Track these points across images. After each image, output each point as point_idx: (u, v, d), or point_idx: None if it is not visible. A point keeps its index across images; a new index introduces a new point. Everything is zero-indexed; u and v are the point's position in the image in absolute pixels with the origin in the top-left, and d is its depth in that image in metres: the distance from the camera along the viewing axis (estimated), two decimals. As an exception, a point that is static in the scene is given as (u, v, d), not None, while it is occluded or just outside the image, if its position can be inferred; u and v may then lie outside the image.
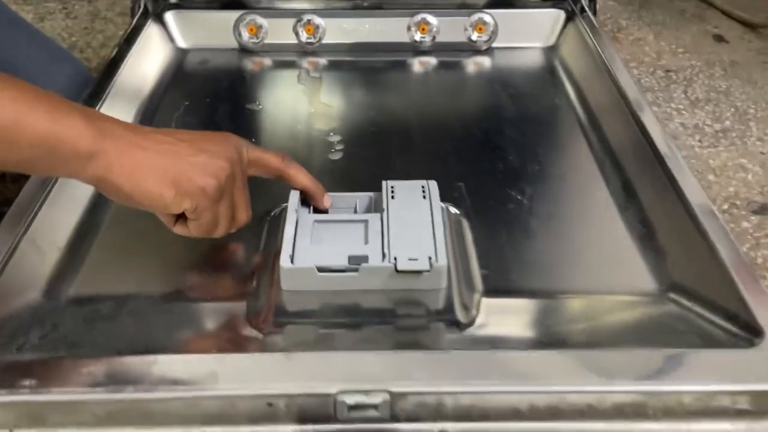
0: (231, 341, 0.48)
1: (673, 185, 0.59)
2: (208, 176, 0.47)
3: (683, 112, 1.12)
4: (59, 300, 0.52)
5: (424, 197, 0.56)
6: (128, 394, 0.42)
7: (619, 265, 0.56)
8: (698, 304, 0.50)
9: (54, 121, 0.42)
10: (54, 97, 0.43)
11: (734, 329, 0.47)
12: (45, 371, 0.43)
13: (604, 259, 0.57)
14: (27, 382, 0.42)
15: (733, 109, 1.13)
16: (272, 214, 0.59)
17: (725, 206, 0.93)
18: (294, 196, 0.55)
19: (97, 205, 0.60)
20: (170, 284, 0.54)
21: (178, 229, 0.50)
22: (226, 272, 0.55)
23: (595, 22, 0.86)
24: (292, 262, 0.50)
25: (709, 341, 0.47)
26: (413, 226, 0.52)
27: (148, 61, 0.82)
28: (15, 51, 0.75)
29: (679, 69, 1.23)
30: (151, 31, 0.85)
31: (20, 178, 0.92)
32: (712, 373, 0.43)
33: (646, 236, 0.58)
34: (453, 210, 0.61)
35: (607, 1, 1.45)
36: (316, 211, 0.56)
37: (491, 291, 0.53)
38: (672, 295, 0.52)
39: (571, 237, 0.60)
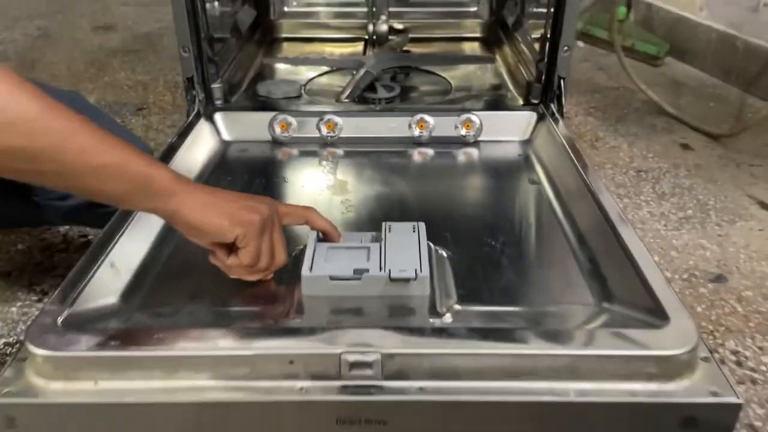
0: (264, 325, 0.63)
1: (613, 230, 0.74)
2: (254, 213, 0.64)
3: (651, 203, 1.29)
4: (130, 305, 0.67)
5: (413, 232, 0.72)
6: (186, 352, 0.57)
7: (568, 287, 0.71)
8: (625, 307, 0.65)
9: (148, 165, 0.60)
10: (147, 154, 0.61)
11: (650, 319, 0.61)
12: (123, 337, 0.58)
13: (558, 283, 0.72)
14: (112, 343, 0.57)
15: (695, 201, 1.30)
16: (293, 254, 0.75)
17: (685, 276, 1.08)
18: (313, 233, 0.71)
19: (161, 241, 0.76)
20: (219, 296, 0.69)
21: (231, 260, 0.65)
22: (262, 287, 0.70)
23: (561, 121, 1.05)
24: (310, 271, 0.65)
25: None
26: (404, 250, 0.68)
27: (199, 149, 1.02)
28: None
29: (649, 170, 1.41)
30: (203, 127, 1.06)
31: (83, 249, 1.10)
32: (629, 344, 0.57)
33: (592, 269, 0.73)
34: (440, 251, 0.76)
35: (587, 117, 1.67)
36: (331, 245, 0.72)
37: (464, 300, 0.67)
38: (606, 305, 0.67)
39: (533, 270, 0.76)
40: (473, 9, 1.58)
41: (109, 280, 0.69)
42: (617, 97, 1.80)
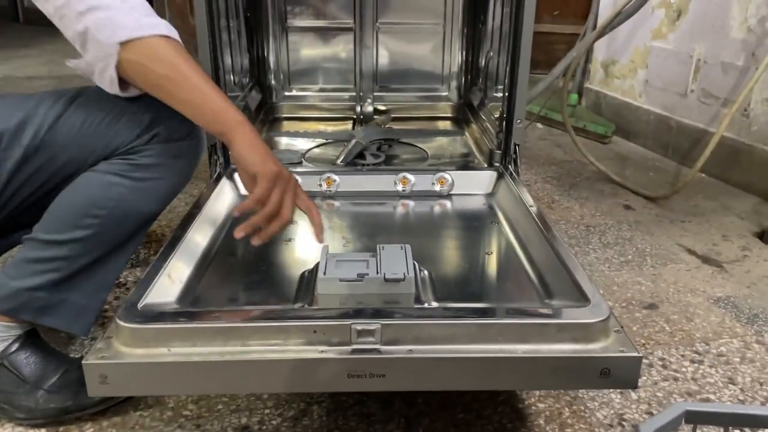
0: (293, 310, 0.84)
1: (554, 249, 0.97)
2: (276, 166, 0.88)
3: (597, 250, 1.53)
4: (184, 305, 0.88)
5: (401, 250, 0.94)
6: (236, 324, 0.77)
7: (521, 291, 0.93)
8: (561, 299, 0.87)
9: (228, 104, 0.88)
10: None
11: (576, 304, 0.82)
12: (189, 315, 0.78)
13: (514, 288, 0.94)
14: (180, 320, 0.77)
15: (634, 249, 1.54)
16: (303, 273, 0.96)
17: (624, 304, 1.30)
18: (324, 248, 0.93)
19: (203, 262, 0.97)
20: (253, 300, 0.89)
21: (250, 196, 0.88)
22: (285, 291, 0.91)
23: (517, 178, 1.30)
24: (324, 274, 0.87)
25: (563, 310, 0.83)
26: (395, 260, 0.90)
27: (222, 200, 1.23)
28: None
29: (596, 225, 1.66)
30: (224, 184, 1.28)
31: (118, 287, 1.30)
32: (560, 317, 0.79)
33: (539, 279, 0.95)
34: (423, 270, 0.98)
35: (545, 184, 1.93)
36: (337, 257, 0.93)
37: (441, 300, 0.89)
38: (547, 301, 0.89)
39: (495, 281, 0.98)
40: (445, 93, 1.87)
41: (167, 287, 0.89)
42: (571, 169, 2.08)
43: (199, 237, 1.04)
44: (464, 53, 1.82)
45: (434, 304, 0.87)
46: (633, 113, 2.33)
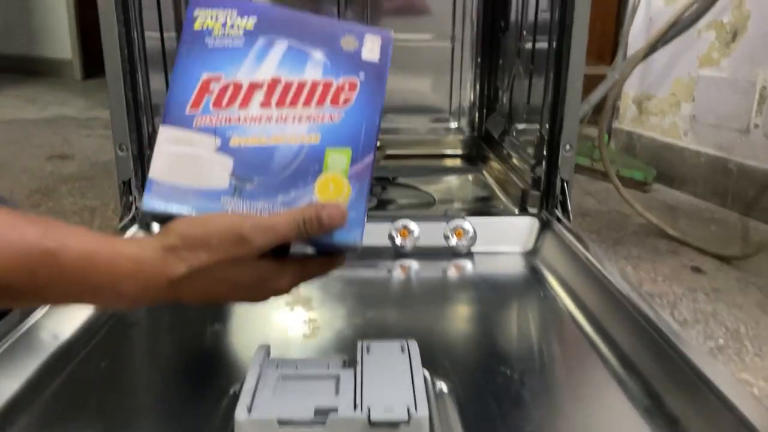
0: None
1: (675, 350, 0.54)
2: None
3: (674, 331, 1.10)
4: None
5: (402, 353, 0.51)
6: None
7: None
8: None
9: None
10: None
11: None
12: None
13: (607, 425, 0.51)
14: None
15: (724, 329, 1.11)
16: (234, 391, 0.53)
17: (737, 418, 0.86)
18: (260, 352, 0.50)
19: (45, 373, 0.54)
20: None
21: None
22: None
23: (570, 228, 0.88)
24: (249, 413, 0.43)
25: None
26: (390, 378, 0.47)
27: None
28: None
29: (662, 294, 1.24)
30: (135, 234, 0.86)
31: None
32: None
33: (653, 405, 0.52)
34: (438, 382, 0.55)
35: (582, 240, 1.51)
36: (283, 367, 0.50)
37: (482, 456, 0.45)
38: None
39: (568, 407, 0.54)
40: (453, 125, 1.47)
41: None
42: (610, 221, 1.66)
43: (59, 317, 0.61)
44: (479, 72, 1.43)
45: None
46: (677, 155, 1.94)
